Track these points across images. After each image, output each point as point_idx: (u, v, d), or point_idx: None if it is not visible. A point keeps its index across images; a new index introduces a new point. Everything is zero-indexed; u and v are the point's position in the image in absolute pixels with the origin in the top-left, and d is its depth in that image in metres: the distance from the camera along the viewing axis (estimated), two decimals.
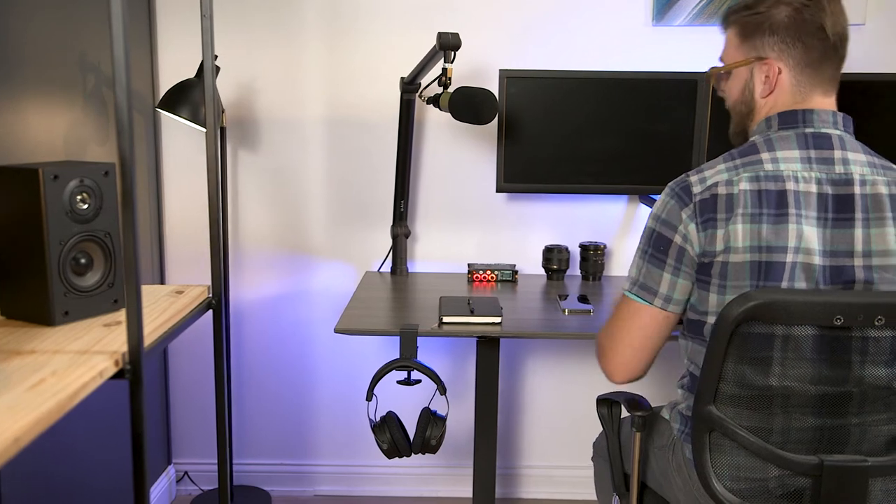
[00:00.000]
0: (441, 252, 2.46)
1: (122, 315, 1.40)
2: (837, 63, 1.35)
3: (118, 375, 1.21)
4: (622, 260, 2.44)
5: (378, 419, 1.83)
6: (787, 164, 1.29)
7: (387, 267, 2.40)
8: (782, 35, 1.33)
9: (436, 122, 2.39)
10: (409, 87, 2.17)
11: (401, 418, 1.86)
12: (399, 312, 1.95)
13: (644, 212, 2.41)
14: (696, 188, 1.31)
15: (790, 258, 1.25)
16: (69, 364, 1.16)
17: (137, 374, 1.21)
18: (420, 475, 2.58)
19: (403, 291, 2.16)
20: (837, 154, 1.30)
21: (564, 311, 1.93)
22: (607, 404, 1.64)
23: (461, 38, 1.85)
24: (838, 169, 1.29)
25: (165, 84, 2.34)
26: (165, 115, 2.34)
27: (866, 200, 1.27)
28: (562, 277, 2.33)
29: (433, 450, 1.82)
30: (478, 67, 2.35)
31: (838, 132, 1.33)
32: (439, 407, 2.38)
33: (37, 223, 1.32)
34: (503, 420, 2.55)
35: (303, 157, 2.41)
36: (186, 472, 2.58)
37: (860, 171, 1.29)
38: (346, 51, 2.36)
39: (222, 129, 2.27)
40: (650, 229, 1.37)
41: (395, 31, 2.34)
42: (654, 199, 1.39)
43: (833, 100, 1.37)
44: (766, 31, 1.34)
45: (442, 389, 1.78)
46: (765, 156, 1.30)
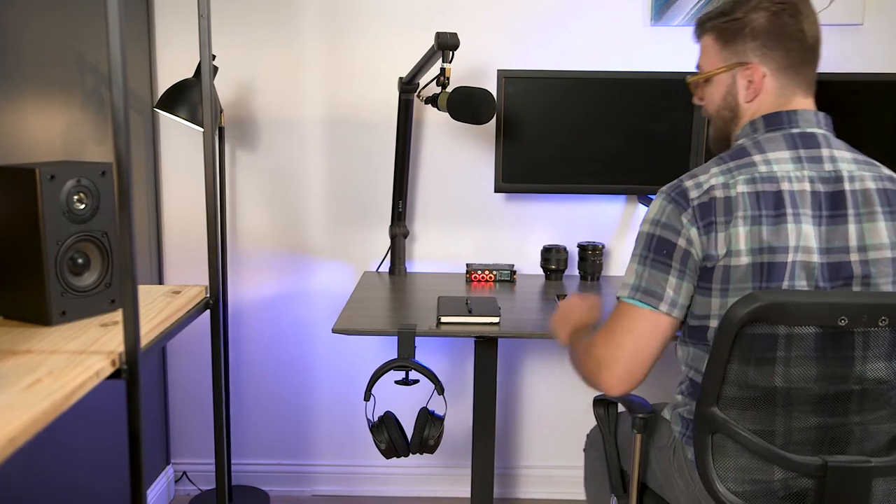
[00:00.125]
0: (439, 252, 2.46)
1: (120, 315, 1.40)
2: (815, 65, 1.37)
3: (115, 375, 1.22)
4: (621, 260, 2.44)
5: (376, 419, 1.83)
6: (780, 164, 1.29)
7: (385, 267, 2.40)
8: (763, 39, 1.34)
9: (434, 122, 2.39)
10: (407, 86, 2.17)
11: (399, 418, 1.86)
12: (397, 312, 1.95)
13: (643, 211, 2.41)
14: (692, 193, 1.30)
15: (790, 258, 1.26)
16: (66, 364, 1.16)
17: (134, 374, 1.21)
18: (418, 475, 2.58)
19: (402, 291, 2.16)
20: (825, 152, 1.32)
21: None
22: (604, 404, 1.64)
23: (460, 37, 1.85)
24: (827, 167, 1.30)
25: (164, 84, 2.34)
26: (164, 115, 2.34)
27: (856, 196, 1.29)
28: (560, 277, 2.33)
29: (431, 450, 1.82)
30: (477, 67, 2.35)
31: (822, 131, 1.35)
32: (437, 407, 2.37)
33: (34, 223, 1.32)
34: (501, 420, 2.55)
35: (301, 157, 2.41)
36: (185, 473, 2.58)
37: (848, 168, 1.31)
38: (345, 51, 2.36)
39: (221, 129, 2.27)
40: (648, 234, 1.34)
41: (394, 31, 2.34)
42: (653, 199, 1.38)
43: (812, 100, 1.38)
44: (748, 36, 1.34)
45: (440, 389, 1.78)
46: (757, 158, 1.31)
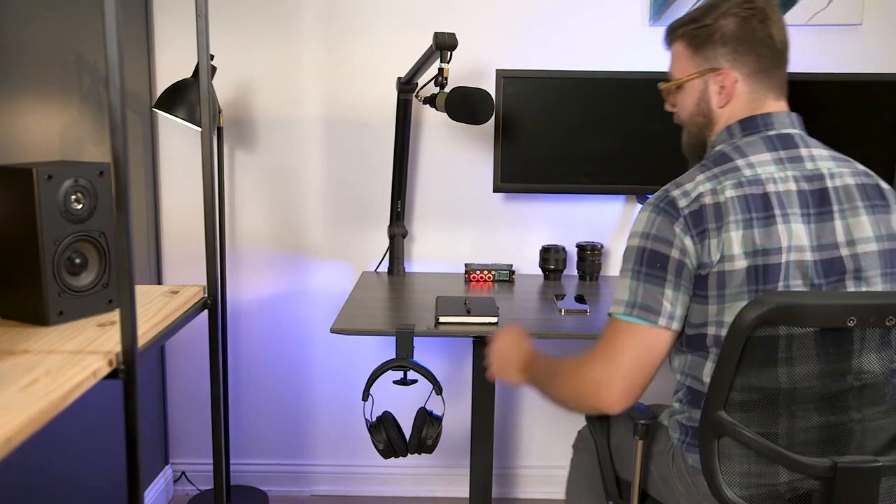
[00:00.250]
0: (438, 252, 2.45)
1: (117, 315, 1.40)
2: (784, 68, 1.38)
3: (112, 375, 1.22)
4: (619, 260, 2.43)
5: (374, 419, 1.83)
6: (763, 167, 1.30)
7: (384, 267, 2.40)
8: (734, 45, 1.34)
9: (433, 123, 2.39)
10: (405, 87, 2.17)
11: (397, 418, 1.86)
12: (396, 312, 1.95)
13: None
14: (681, 201, 1.29)
15: (784, 258, 1.26)
16: (63, 364, 1.16)
17: (131, 374, 1.22)
18: (416, 475, 2.58)
19: (400, 291, 2.16)
20: (804, 152, 1.33)
21: (561, 311, 1.93)
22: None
23: (459, 38, 1.85)
24: (808, 166, 1.32)
25: (163, 84, 2.34)
26: (162, 115, 2.34)
27: (839, 192, 1.30)
28: (559, 277, 2.33)
29: (429, 450, 1.82)
30: (476, 67, 2.35)
31: (797, 131, 1.36)
32: (435, 407, 2.37)
33: (31, 223, 1.32)
34: (499, 420, 2.55)
35: (300, 157, 2.41)
36: (184, 472, 2.58)
37: (827, 166, 1.32)
38: (344, 51, 2.36)
39: (219, 129, 2.27)
40: (639, 248, 1.31)
41: (393, 32, 2.34)
42: (639, 213, 1.37)
43: (785, 102, 1.39)
44: (718, 42, 1.35)
45: (438, 389, 1.78)
46: (740, 162, 1.31)
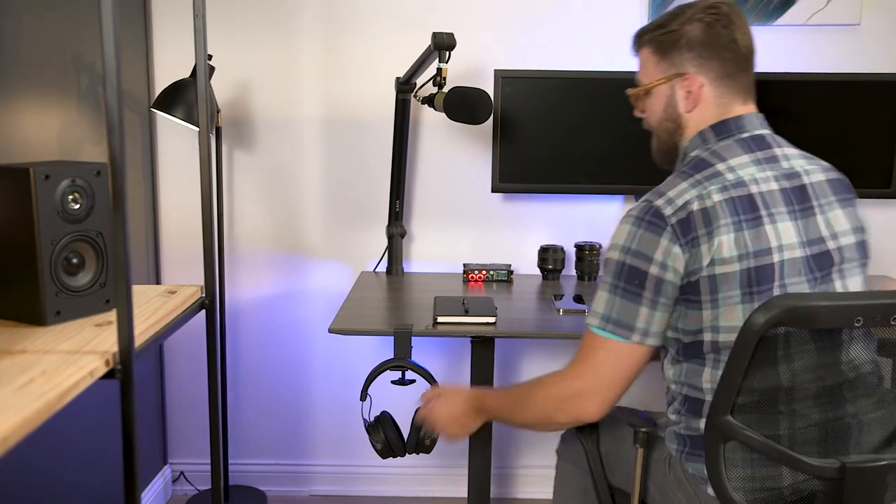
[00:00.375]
0: (436, 252, 2.45)
1: (114, 315, 1.40)
2: (750, 72, 1.39)
3: (109, 375, 1.22)
4: None
5: (372, 419, 1.83)
6: (743, 169, 1.31)
7: (382, 267, 2.40)
8: (699, 50, 1.35)
9: (431, 123, 2.39)
10: (404, 87, 2.17)
11: (395, 418, 1.86)
12: (394, 312, 1.95)
13: None
14: (666, 210, 1.28)
15: (776, 258, 1.26)
16: (59, 364, 1.16)
17: (128, 374, 1.21)
18: (415, 475, 2.58)
19: (398, 291, 2.15)
20: (777, 151, 1.35)
21: (559, 311, 1.93)
22: None
23: (457, 38, 1.85)
24: (784, 165, 1.33)
25: (161, 84, 2.33)
26: (161, 115, 2.34)
27: (815, 189, 1.33)
28: (557, 277, 2.33)
29: (427, 450, 1.82)
30: (474, 67, 2.35)
31: (768, 132, 1.38)
32: None
33: (28, 223, 1.32)
34: None
35: (298, 157, 2.41)
36: (182, 473, 2.58)
37: (799, 164, 1.35)
38: (342, 51, 2.36)
39: (218, 129, 2.27)
40: (618, 262, 1.30)
41: (392, 32, 2.34)
42: (620, 224, 1.36)
43: (753, 105, 1.40)
44: (683, 47, 1.36)
45: None
46: (721, 167, 1.31)
